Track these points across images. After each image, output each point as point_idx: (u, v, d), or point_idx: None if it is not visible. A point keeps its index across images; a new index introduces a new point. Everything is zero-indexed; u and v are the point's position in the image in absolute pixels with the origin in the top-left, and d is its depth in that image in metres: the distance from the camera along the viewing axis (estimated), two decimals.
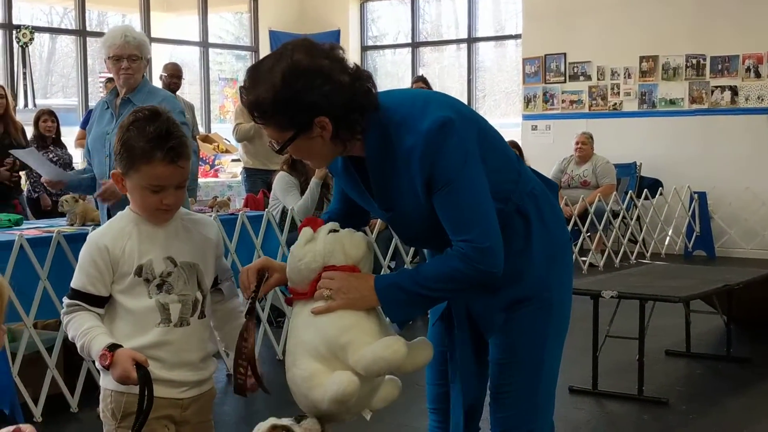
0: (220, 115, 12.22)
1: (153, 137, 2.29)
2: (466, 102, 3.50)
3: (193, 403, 2.42)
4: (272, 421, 2.19)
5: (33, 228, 5.03)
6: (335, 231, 2.33)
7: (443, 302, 2.48)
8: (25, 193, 7.49)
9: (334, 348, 2.22)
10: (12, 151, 6.11)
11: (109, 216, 4.26)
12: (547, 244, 2.41)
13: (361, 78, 2.24)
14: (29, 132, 7.86)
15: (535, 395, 2.47)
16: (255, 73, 2.23)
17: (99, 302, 2.35)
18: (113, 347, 2.25)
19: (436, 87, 10.40)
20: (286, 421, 2.19)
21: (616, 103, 10.69)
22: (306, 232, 2.31)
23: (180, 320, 2.36)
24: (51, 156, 7.94)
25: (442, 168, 2.20)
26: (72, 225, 4.98)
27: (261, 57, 9.78)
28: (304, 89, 2.17)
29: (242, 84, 2.27)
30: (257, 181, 8.24)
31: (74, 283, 2.37)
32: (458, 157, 2.20)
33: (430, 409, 2.71)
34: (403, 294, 2.29)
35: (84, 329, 2.31)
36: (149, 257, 2.35)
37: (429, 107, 2.25)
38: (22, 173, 7.34)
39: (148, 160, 2.29)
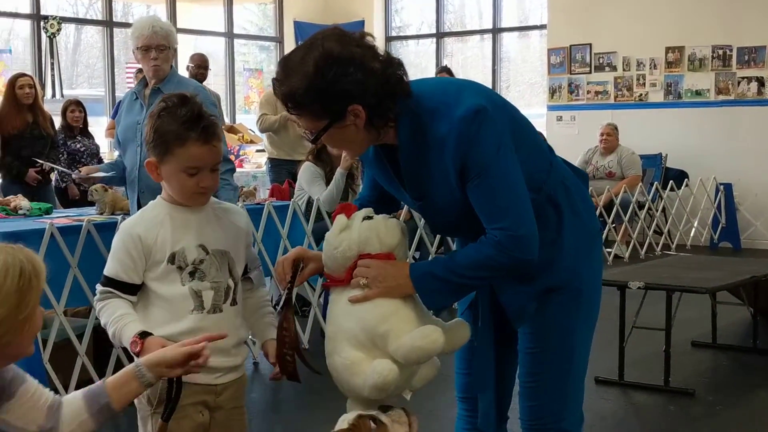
0: (244, 105, 12.27)
1: (186, 120, 2.31)
2: None
3: (227, 389, 2.44)
4: (358, 411, 2.21)
5: (63, 216, 5.08)
6: (369, 218, 2.33)
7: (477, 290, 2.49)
8: (53, 183, 7.56)
9: (374, 337, 2.24)
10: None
11: (139, 205, 4.31)
12: (579, 234, 2.41)
13: (393, 65, 2.25)
14: (57, 122, 7.92)
15: (565, 384, 2.48)
16: (287, 64, 2.23)
17: (131, 290, 2.38)
18: (144, 335, 2.29)
19: (460, 78, 10.37)
20: (372, 412, 2.20)
21: (641, 94, 10.63)
22: (340, 219, 2.32)
23: (213, 307, 2.38)
24: (78, 146, 8.01)
25: (476, 156, 2.20)
26: (101, 214, 5.02)
27: (286, 48, 9.75)
28: (336, 77, 2.17)
29: (274, 76, 2.27)
30: (282, 171, 8.26)
31: (107, 271, 2.40)
32: (492, 146, 2.20)
33: (458, 398, 2.73)
34: (438, 282, 2.29)
35: (116, 316, 2.35)
36: (182, 245, 2.37)
37: (462, 95, 2.25)
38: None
39: (183, 142, 2.31)
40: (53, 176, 7.60)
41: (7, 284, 1.82)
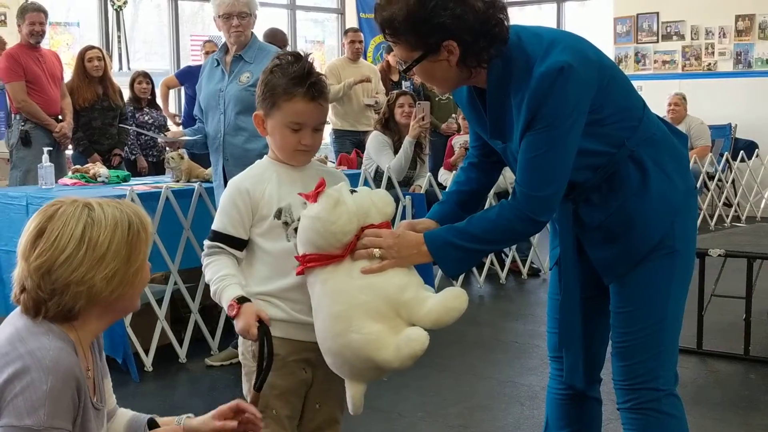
0: None
1: (295, 76, 2.35)
2: None
3: None
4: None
5: (141, 184, 5.14)
6: (354, 190, 2.31)
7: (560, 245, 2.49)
8: (123, 154, 7.65)
9: (398, 306, 2.21)
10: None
11: (224, 173, 4.34)
12: (668, 192, 2.37)
13: (495, 7, 2.23)
14: (126, 94, 8.01)
15: (658, 344, 2.43)
16: None
17: (239, 245, 2.40)
18: (242, 300, 2.31)
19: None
20: None
21: (710, 64, 10.43)
22: (330, 195, 2.25)
23: None
24: (146, 118, 8.10)
25: (544, 112, 2.20)
26: (177, 181, 5.06)
27: (347, 20, 9.64)
28: (436, 10, 2.18)
29: (377, 2, 2.29)
30: (346, 141, 8.27)
31: (215, 225, 2.43)
32: (563, 107, 2.20)
33: (550, 358, 2.72)
34: (459, 251, 2.31)
35: (220, 275, 2.37)
36: (288, 201, 2.39)
37: (552, 49, 2.23)
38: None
39: (290, 96, 2.35)
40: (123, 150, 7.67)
41: (117, 237, 1.86)
